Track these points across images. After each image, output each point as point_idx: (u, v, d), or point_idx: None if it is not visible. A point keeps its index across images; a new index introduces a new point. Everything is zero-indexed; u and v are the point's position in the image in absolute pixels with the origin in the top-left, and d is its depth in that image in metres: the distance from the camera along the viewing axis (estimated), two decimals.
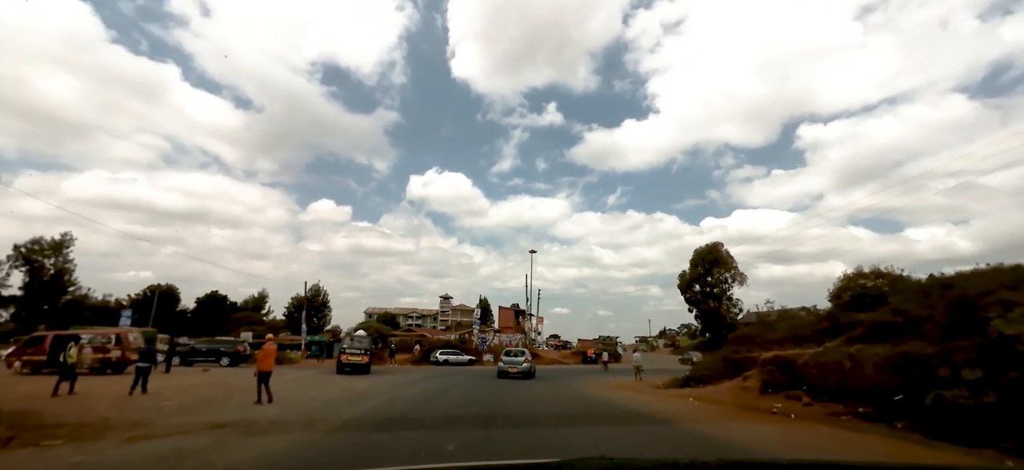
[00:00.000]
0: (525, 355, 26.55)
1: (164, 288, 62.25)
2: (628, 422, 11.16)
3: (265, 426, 9.36)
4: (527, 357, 26.35)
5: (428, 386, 19.07)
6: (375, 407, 12.80)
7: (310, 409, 12.19)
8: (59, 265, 52.33)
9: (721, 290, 74.25)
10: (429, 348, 41.45)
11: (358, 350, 25.78)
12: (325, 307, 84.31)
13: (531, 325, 61.69)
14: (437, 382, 21.12)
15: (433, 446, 7.50)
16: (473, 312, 53.87)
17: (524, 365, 24.98)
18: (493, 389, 18.50)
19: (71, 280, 53.52)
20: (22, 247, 51.30)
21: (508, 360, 25.32)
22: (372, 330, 61.39)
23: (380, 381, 21.35)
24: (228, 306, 70.05)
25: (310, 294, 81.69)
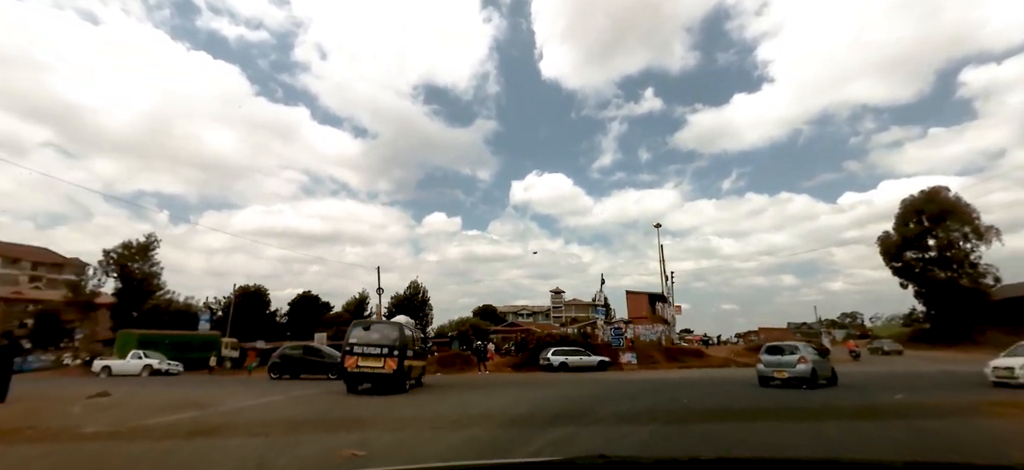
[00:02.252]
0: (800, 352, 15.07)
1: (252, 289, 58.12)
2: None
3: None
4: (803, 355, 14.85)
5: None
6: None
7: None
8: (145, 270, 49.25)
9: (959, 253, 50.61)
10: (536, 345, 28.16)
11: (376, 348, 13.62)
12: (425, 305, 76.36)
13: (669, 313, 45.72)
14: (553, 428, 7.35)
15: None
16: (595, 297, 39.12)
17: (801, 367, 14.45)
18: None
19: (158, 284, 50.34)
20: (112, 252, 49.07)
21: (772, 360, 15.51)
22: (466, 327, 50.67)
23: (386, 413, 8.41)
24: (320, 306, 64.56)
25: (409, 291, 74.26)
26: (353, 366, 13.50)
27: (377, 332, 14.26)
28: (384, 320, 15.22)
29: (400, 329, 14.46)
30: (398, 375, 13.50)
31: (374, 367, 13.43)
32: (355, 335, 13.97)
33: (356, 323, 14.57)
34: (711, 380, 17.85)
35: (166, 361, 25.17)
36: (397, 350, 13.65)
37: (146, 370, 24.06)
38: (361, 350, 13.62)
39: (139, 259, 49.43)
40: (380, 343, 13.70)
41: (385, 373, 13.40)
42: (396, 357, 13.53)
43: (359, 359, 13.51)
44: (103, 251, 49.19)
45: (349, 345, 13.75)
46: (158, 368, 24.16)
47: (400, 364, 13.53)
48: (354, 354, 13.58)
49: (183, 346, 34.35)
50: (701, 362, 31.29)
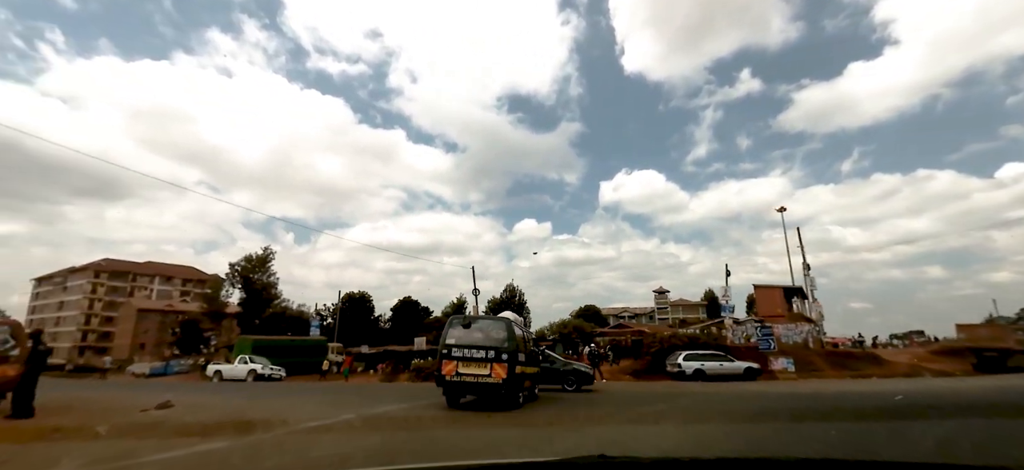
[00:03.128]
0: None
1: (357, 296, 59.80)
2: None
3: None
4: None
5: None
6: None
7: None
8: (264, 280, 52.42)
9: None
10: (660, 348, 23.45)
11: (480, 351, 10.40)
12: (523, 309, 73.87)
13: (814, 311, 37.65)
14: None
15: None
16: (719, 293, 33.00)
17: None
18: None
19: (275, 293, 53.34)
20: (236, 265, 52.90)
21: None
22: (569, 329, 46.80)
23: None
24: (420, 311, 64.81)
25: (505, 294, 72.29)
26: (451, 373, 10.38)
27: (480, 331, 10.93)
28: (488, 315, 11.79)
29: (508, 326, 11.02)
30: (509, 385, 10.14)
31: (478, 375, 10.21)
32: (453, 334, 10.80)
33: (454, 319, 11.43)
34: (950, 400, 12.05)
35: (269, 366, 24.73)
36: (506, 353, 10.28)
37: (251, 375, 23.68)
38: (461, 353, 10.41)
39: (258, 270, 52.88)
40: (485, 344, 10.44)
41: (492, 383, 10.12)
42: (506, 362, 10.17)
43: (459, 364, 10.34)
44: (229, 265, 53.34)
45: (446, 347, 10.63)
46: (261, 373, 23.69)
47: (511, 371, 10.16)
48: (452, 358, 10.42)
49: (293, 351, 34.84)
50: (881, 370, 24.19)
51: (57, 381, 26.45)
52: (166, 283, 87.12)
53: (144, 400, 11.03)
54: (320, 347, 38.55)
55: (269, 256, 53.76)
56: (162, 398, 11.44)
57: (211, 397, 12.38)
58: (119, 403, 10.79)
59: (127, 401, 11.14)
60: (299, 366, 33.22)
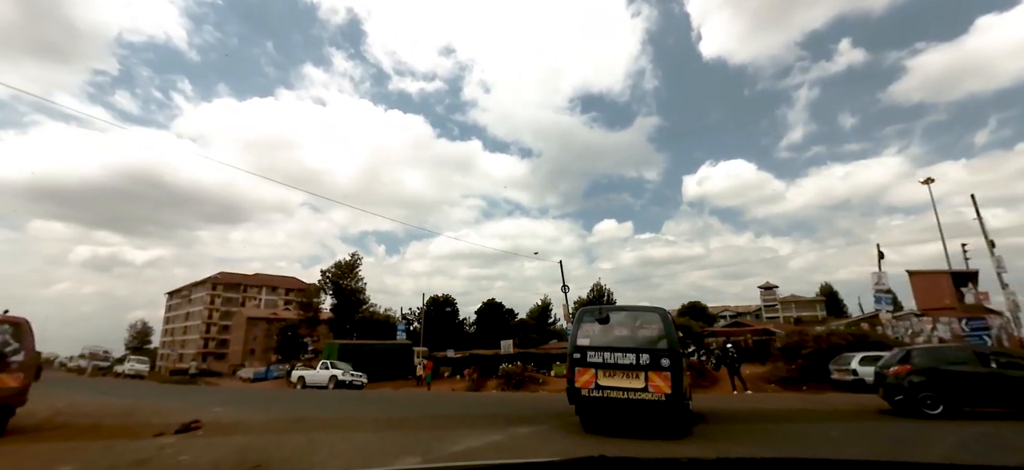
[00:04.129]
0: None
1: (441, 298, 58.80)
2: None
3: None
4: None
5: None
6: None
7: None
8: (352, 285, 53.10)
9: None
10: (814, 349, 18.19)
11: (629, 354, 6.95)
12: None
13: (1009, 301, 29.12)
14: None
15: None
16: (878, 279, 26.25)
17: None
18: None
19: (364, 297, 53.83)
20: (328, 272, 54.16)
21: None
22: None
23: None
24: (505, 313, 62.40)
25: (593, 294, 67.81)
26: (589, 385, 7.17)
27: (624, 325, 7.63)
28: (634, 306, 7.99)
29: (664, 318, 7.61)
30: (675, 403, 6.82)
31: (628, 389, 6.91)
32: (587, 331, 7.59)
33: (587, 311, 8.10)
34: None
35: (350, 372, 23.11)
36: (667, 356, 6.95)
37: (331, 382, 22.13)
38: (600, 357, 7.18)
39: (347, 276, 53.77)
40: (634, 345, 7.19)
41: (650, 400, 6.81)
42: (667, 370, 6.87)
43: (599, 374, 7.13)
44: (321, 271, 54.84)
45: (578, 349, 7.42)
46: (342, 379, 22.07)
47: (677, 383, 6.84)
48: (588, 364, 7.24)
49: (378, 356, 33.72)
50: None
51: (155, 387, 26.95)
52: (272, 293, 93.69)
53: (181, 415, 8.83)
54: (405, 351, 37.30)
55: (357, 262, 54.52)
56: (205, 411, 9.26)
57: (257, 412, 10.06)
58: (148, 418, 8.67)
59: (163, 415, 9.03)
60: (384, 371, 31.91)
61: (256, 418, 8.36)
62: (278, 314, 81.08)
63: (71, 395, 15.78)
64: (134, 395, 15.69)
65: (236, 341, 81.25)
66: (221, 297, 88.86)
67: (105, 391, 17.94)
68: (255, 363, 65.28)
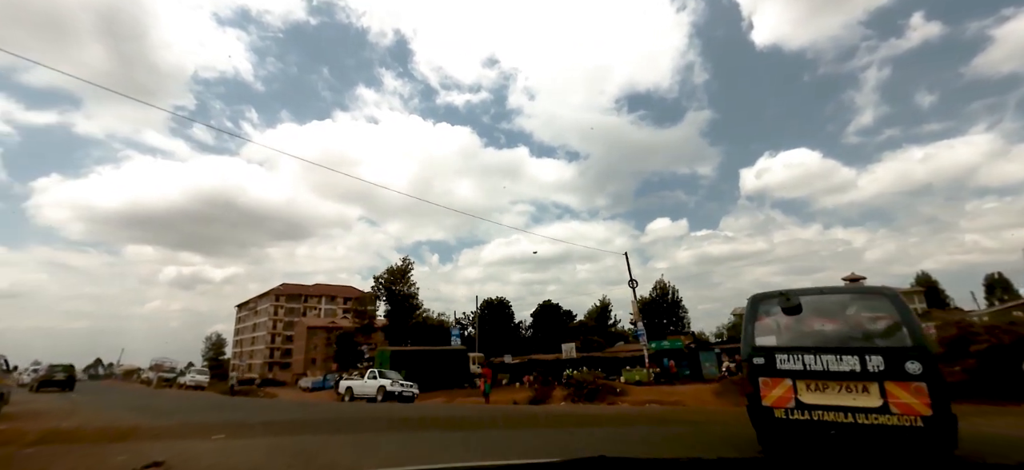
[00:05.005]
0: None
1: (495, 302, 56.54)
2: None
3: None
4: None
5: None
6: None
7: None
8: (405, 290, 51.95)
9: None
10: (988, 347, 13.79)
11: (853, 357, 4.08)
12: (678, 308, 63.87)
13: None
14: None
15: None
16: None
17: None
18: None
19: (417, 302, 52.53)
20: (381, 278, 53.37)
21: None
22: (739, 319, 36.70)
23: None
24: (562, 315, 59.21)
25: (657, 291, 63.36)
26: (783, 404, 4.48)
27: (829, 315, 4.84)
28: (841, 287, 4.71)
29: (896, 304, 4.45)
30: (940, 431, 3.88)
31: (854, 409, 4.08)
32: (770, 327, 5.04)
33: (767, 299, 5.21)
34: None
35: (400, 382, 20.89)
36: (917, 358, 3.99)
37: (380, 392, 20.01)
38: (800, 363, 4.50)
39: (399, 282, 52.70)
40: (856, 343, 4.33)
41: (895, 425, 3.93)
42: (920, 381, 3.95)
43: (800, 386, 4.44)
44: (374, 278, 54.13)
45: (760, 353, 4.81)
46: (391, 390, 19.86)
47: (941, 401, 3.90)
48: (780, 373, 4.59)
49: (432, 362, 31.64)
50: None
51: (203, 399, 25.98)
52: (331, 302, 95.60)
53: (178, 439, 6.55)
54: (460, 357, 35.09)
55: (408, 266, 53.32)
56: (204, 439, 7.01)
57: (258, 443, 7.61)
58: (126, 447, 6.46)
59: (149, 444, 6.84)
60: (438, 379, 29.74)
61: (243, 459, 5.92)
62: (336, 323, 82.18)
63: (100, 410, 14.58)
64: (158, 411, 14.20)
65: (298, 350, 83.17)
66: (284, 308, 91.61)
67: (143, 406, 16.70)
68: (316, 372, 65.92)
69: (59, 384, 25.63)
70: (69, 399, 19.50)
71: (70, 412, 14.15)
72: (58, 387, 25.37)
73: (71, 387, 26.16)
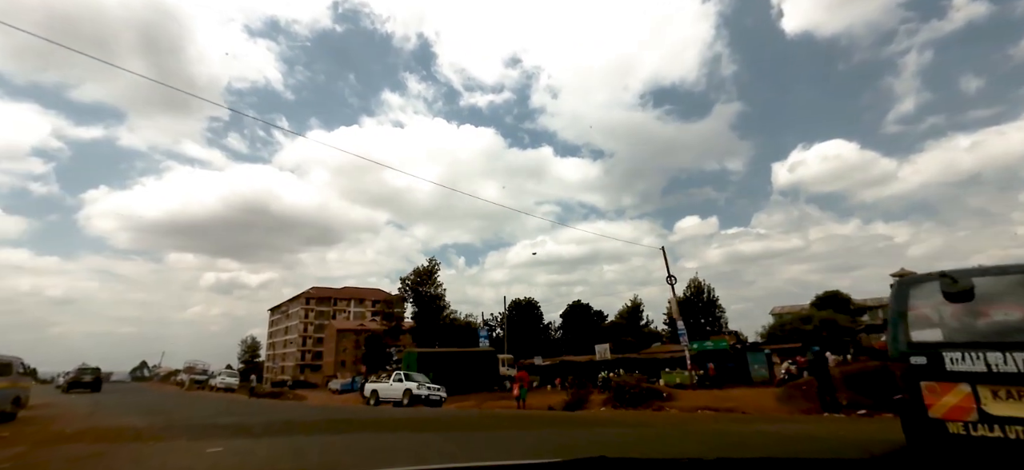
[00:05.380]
0: None
1: (523, 302, 55.12)
2: None
3: None
4: None
5: None
6: None
7: None
8: (431, 291, 51.19)
9: None
10: None
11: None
12: (714, 307, 61.08)
13: None
14: None
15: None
16: None
17: None
18: None
19: (444, 303, 51.70)
20: (407, 280, 52.81)
21: None
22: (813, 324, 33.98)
23: None
24: (593, 316, 57.29)
25: (691, 290, 60.75)
26: (961, 415, 3.33)
27: (1016, 301, 3.43)
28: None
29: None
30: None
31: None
32: (930, 317, 3.68)
33: (920, 281, 3.94)
34: None
35: (426, 385, 19.77)
36: None
37: (406, 396, 18.94)
38: (981, 363, 3.29)
39: (426, 283, 52.01)
40: None
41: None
42: None
43: (983, 393, 3.24)
44: (400, 279, 53.58)
45: (922, 350, 3.60)
46: (417, 393, 18.77)
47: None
48: (951, 376, 3.38)
49: (461, 364, 30.51)
50: None
51: (226, 401, 25.55)
52: (359, 305, 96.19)
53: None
54: (489, 359, 33.84)
55: (434, 267, 52.54)
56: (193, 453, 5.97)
57: (253, 447, 6.53)
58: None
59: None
60: (466, 382, 28.56)
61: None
62: (365, 325, 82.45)
63: (115, 412, 14.07)
64: (166, 413, 13.68)
65: (328, 353, 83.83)
66: (314, 311, 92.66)
67: (156, 408, 16.16)
68: (346, 374, 66.05)
69: (87, 385, 27.32)
70: (93, 400, 20.35)
71: (87, 415, 13.82)
72: (86, 388, 26.96)
73: (98, 388, 27.66)
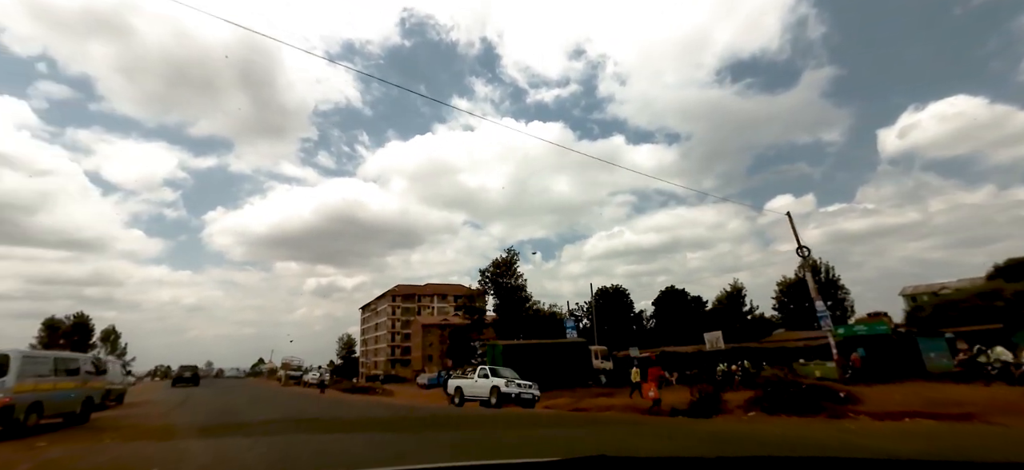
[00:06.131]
0: None
1: (611, 290, 51.13)
2: None
3: None
4: None
5: None
6: None
7: None
8: (511, 283, 49.12)
9: None
10: None
11: None
12: (836, 287, 52.88)
13: None
14: None
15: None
16: None
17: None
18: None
19: (526, 293, 49.38)
20: (486, 271, 51.29)
21: None
22: (964, 295, 26.90)
23: None
24: (690, 301, 51.78)
25: (804, 272, 53.04)
26: None
27: None
28: None
29: None
30: None
31: None
32: None
33: None
34: None
35: (516, 382, 17.20)
36: None
37: (494, 394, 16.53)
38: None
39: (506, 274, 50.10)
40: None
41: None
42: None
43: None
44: (479, 271, 52.18)
45: None
46: (506, 392, 16.27)
47: None
48: None
49: (550, 357, 27.81)
50: None
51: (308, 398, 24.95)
52: (442, 301, 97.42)
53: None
54: (580, 351, 30.72)
55: (514, 258, 50.38)
56: None
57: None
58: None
59: None
60: (557, 376, 25.80)
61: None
62: (449, 320, 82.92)
63: (199, 405, 13.38)
64: (211, 413, 12.53)
65: (416, 347, 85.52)
66: (400, 307, 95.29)
67: (220, 407, 15.48)
68: (433, 368, 66.48)
69: (187, 381, 31.71)
70: (188, 393, 22.54)
71: (178, 404, 13.85)
72: (187, 383, 31.13)
73: (196, 383, 32.23)
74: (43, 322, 61.32)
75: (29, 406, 9.35)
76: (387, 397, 30.76)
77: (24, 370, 9.17)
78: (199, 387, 30.73)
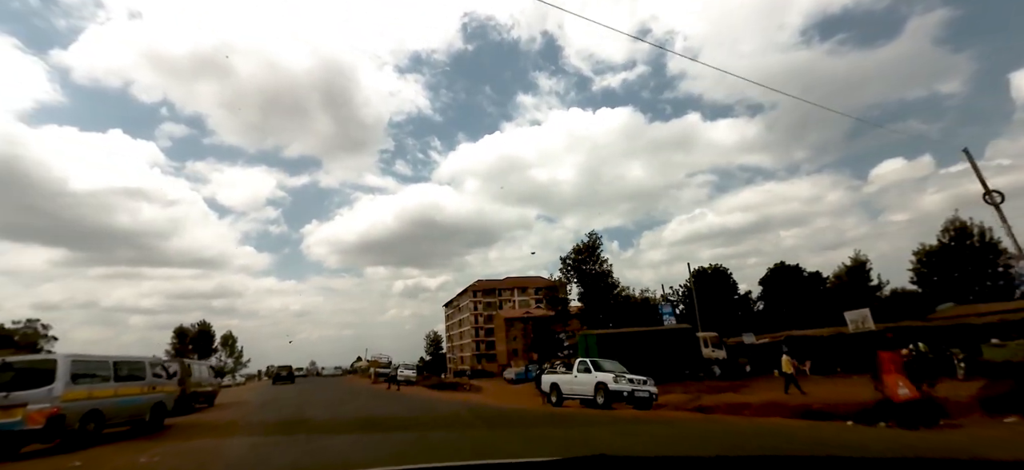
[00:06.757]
0: None
1: (709, 270, 45.92)
2: None
3: None
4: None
5: None
6: None
7: None
8: (595, 269, 45.85)
9: None
10: None
11: None
12: (996, 251, 43.35)
13: None
14: None
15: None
16: None
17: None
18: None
19: (614, 279, 45.91)
20: (568, 259, 48.48)
21: None
22: None
23: None
24: (805, 279, 45.06)
25: (948, 237, 44.76)
26: None
27: None
28: None
29: None
30: None
31: None
32: None
33: None
34: None
35: (626, 377, 14.32)
36: None
37: (599, 391, 13.83)
38: None
39: (589, 260, 47.00)
40: None
41: None
42: None
43: None
44: (560, 258, 49.44)
45: None
46: (615, 389, 13.50)
47: None
48: None
49: (651, 346, 24.51)
50: None
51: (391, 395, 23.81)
52: (523, 294, 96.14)
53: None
54: (685, 337, 26.92)
55: (596, 242, 47.07)
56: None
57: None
58: None
59: None
60: (659, 367, 22.36)
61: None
62: (531, 312, 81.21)
63: (288, 400, 12.22)
64: (293, 408, 11.03)
65: (500, 342, 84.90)
66: (482, 302, 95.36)
67: (302, 401, 14.29)
68: (518, 362, 65.08)
69: (283, 379, 35.37)
70: (277, 392, 23.42)
71: (263, 405, 12.96)
72: (284, 381, 34.59)
73: (292, 381, 35.59)
74: (173, 330, 68.61)
75: (85, 414, 8.40)
76: (475, 394, 29.20)
77: (75, 376, 8.21)
78: (294, 384, 33.74)
